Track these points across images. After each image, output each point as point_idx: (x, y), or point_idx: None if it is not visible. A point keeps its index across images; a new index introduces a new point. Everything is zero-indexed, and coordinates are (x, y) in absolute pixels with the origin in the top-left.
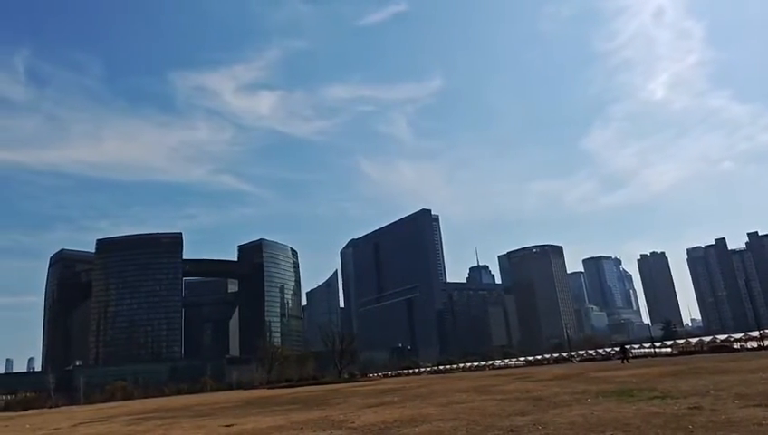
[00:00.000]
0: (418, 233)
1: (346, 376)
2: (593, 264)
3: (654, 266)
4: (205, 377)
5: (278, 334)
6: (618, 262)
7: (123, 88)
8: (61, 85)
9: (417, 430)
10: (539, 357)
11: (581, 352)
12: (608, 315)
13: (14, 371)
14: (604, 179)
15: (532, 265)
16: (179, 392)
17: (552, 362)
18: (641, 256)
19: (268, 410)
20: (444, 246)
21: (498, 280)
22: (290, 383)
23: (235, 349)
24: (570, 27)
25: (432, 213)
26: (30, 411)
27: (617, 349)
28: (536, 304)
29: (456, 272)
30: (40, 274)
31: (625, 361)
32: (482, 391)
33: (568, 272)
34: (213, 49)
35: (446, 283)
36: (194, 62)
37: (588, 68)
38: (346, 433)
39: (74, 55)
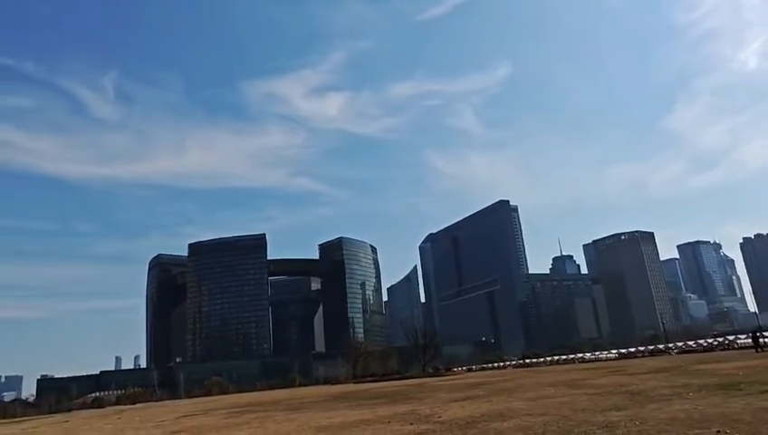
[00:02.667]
0: (497, 224)
1: (430, 370)
2: (689, 249)
3: (760, 250)
4: (293, 372)
5: (361, 330)
6: (717, 246)
7: (201, 100)
8: (146, 102)
9: (505, 424)
10: (632, 350)
11: (680, 344)
12: (708, 304)
13: (123, 367)
14: (694, 159)
15: (621, 252)
16: (270, 387)
17: (647, 354)
18: (744, 238)
19: (355, 404)
20: (524, 237)
21: (584, 270)
22: (375, 378)
23: (320, 345)
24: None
25: (510, 203)
26: (137, 405)
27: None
28: (627, 294)
29: (538, 263)
30: (141, 278)
31: (758, 349)
32: (572, 385)
33: (661, 259)
34: (280, 56)
35: (528, 274)
36: (263, 71)
37: (667, 41)
38: (433, 427)
39: (156, 72)
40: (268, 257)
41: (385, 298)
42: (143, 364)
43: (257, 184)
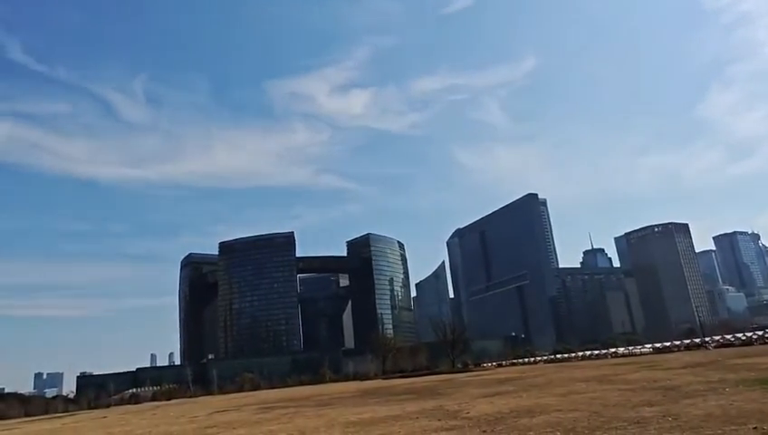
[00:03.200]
0: (526, 218)
1: (459, 366)
2: (726, 240)
3: None
4: (323, 368)
5: (390, 326)
6: (756, 237)
7: (227, 101)
8: (174, 104)
9: (534, 420)
10: (667, 344)
11: (717, 338)
12: (746, 296)
13: (158, 364)
14: (729, 148)
15: (655, 245)
16: (301, 383)
17: (682, 348)
18: None
19: (384, 400)
20: (553, 231)
21: (616, 263)
22: (404, 374)
23: (349, 341)
24: None
25: (539, 197)
26: (173, 401)
27: None
28: (661, 288)
29: (568, 257)
30: (173, 276)
31: None
32: (603, 381)
33: (696, 251)
34: (304, 55)
35: (558, 268)
36: (287, 70)
37: (699, 28)
38: (461, 423)
39: (183, 75)
40: (297, 255)
41: (413, 294)
42: (177, 361)
43: (284, 183)
